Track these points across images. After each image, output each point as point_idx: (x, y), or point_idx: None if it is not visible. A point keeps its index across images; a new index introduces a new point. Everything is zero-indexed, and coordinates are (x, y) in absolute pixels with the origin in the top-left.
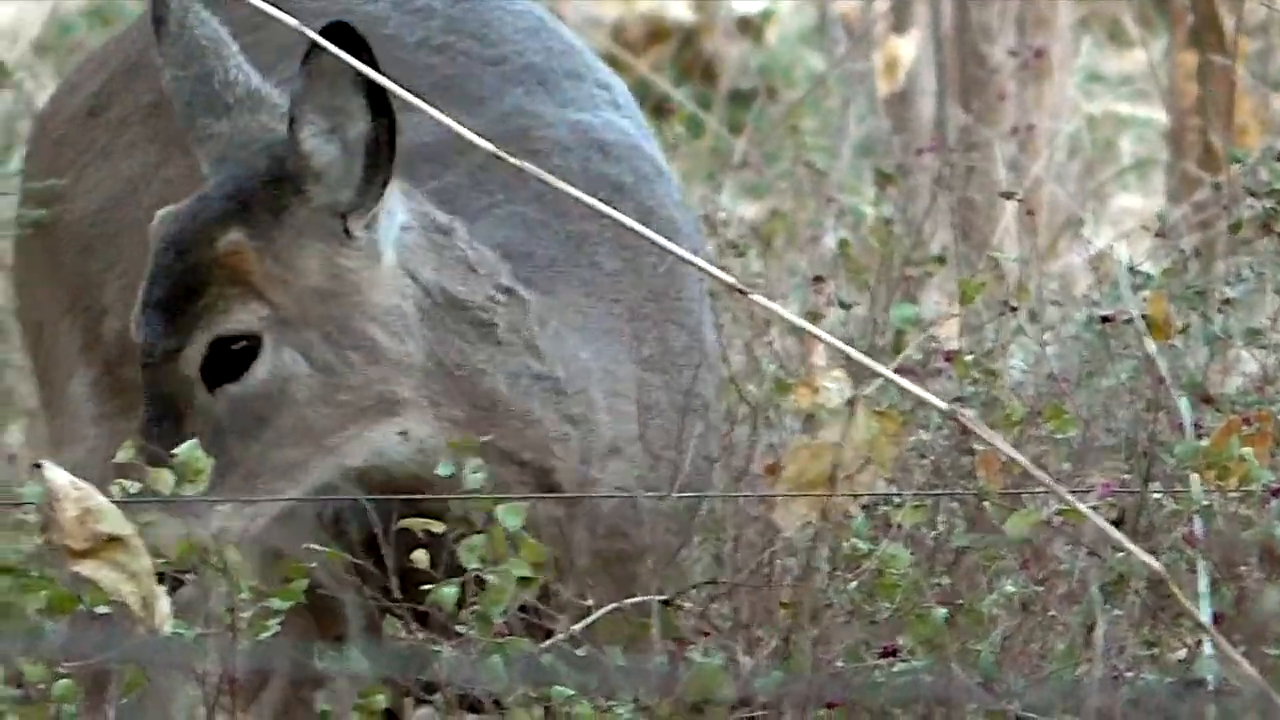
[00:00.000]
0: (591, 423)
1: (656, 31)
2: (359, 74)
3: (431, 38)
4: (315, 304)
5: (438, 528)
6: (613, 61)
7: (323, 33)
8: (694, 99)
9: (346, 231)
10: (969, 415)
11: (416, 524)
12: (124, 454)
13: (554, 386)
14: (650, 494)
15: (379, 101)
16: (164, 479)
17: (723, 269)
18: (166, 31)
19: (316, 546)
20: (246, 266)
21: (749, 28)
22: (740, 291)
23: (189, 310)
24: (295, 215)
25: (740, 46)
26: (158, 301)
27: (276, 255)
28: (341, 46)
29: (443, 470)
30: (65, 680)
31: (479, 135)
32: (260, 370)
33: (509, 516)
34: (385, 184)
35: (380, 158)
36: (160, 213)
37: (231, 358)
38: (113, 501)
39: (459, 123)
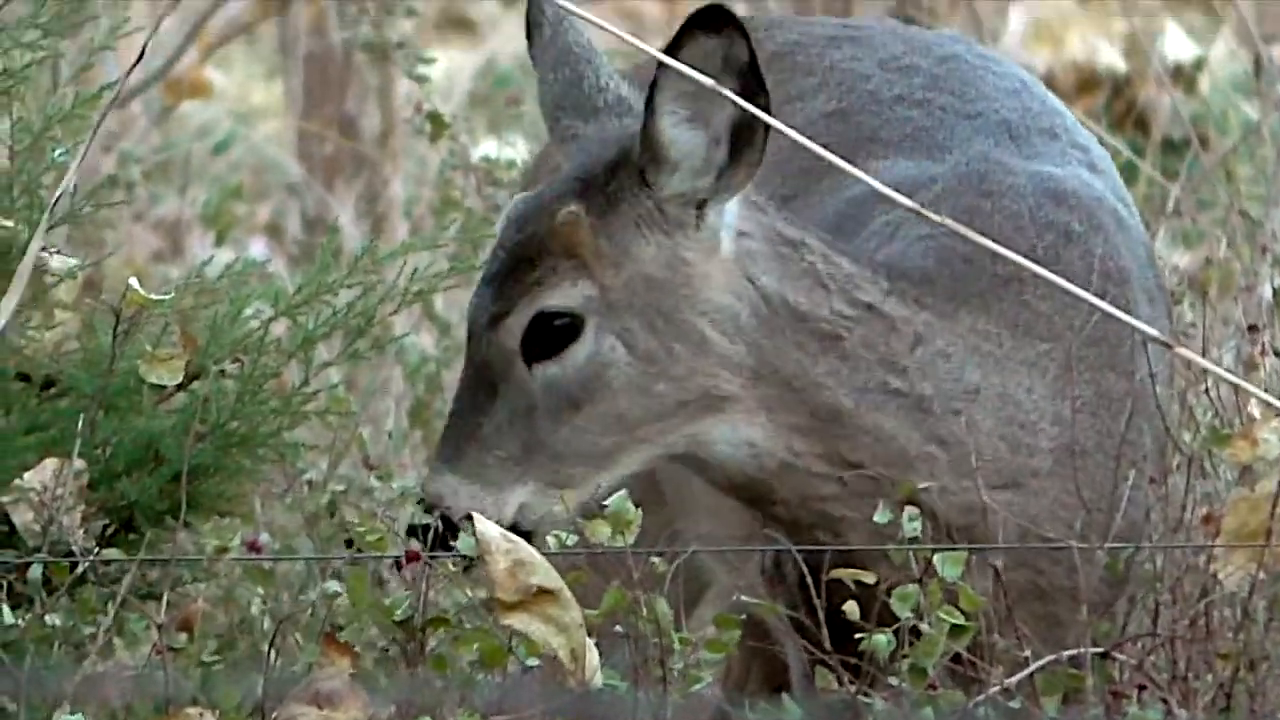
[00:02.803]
0: (968, 446)
1: (1088, 81)
2: (729, 56)
3: (912, 93)
4: (644, 290)
5: (869, 578)
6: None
7: (693, 17)
8: (1127, 147)
9: (698, 220)
10: None
11: (848, 574)
12: (558, 507)
13: (916, 404)
14: (1083, 545)
15: (750, 85)
16: (598, 529)
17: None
18: (540, 37)
19: (747, 599)
20: (580, 239)
21: (1181, 76)
22: (1165, 345)
23: (520, 280)
24: (637, 204)
25: (1173, 95)
26: (493, 275)
27: (611, 236)
28: (713, 30)
29: (879, 518)
30: None
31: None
32: (580, 352)
33: (948, 566)
34: (756, 166)
35: (752, 142)
36: (513, 199)
37: (553, 335)
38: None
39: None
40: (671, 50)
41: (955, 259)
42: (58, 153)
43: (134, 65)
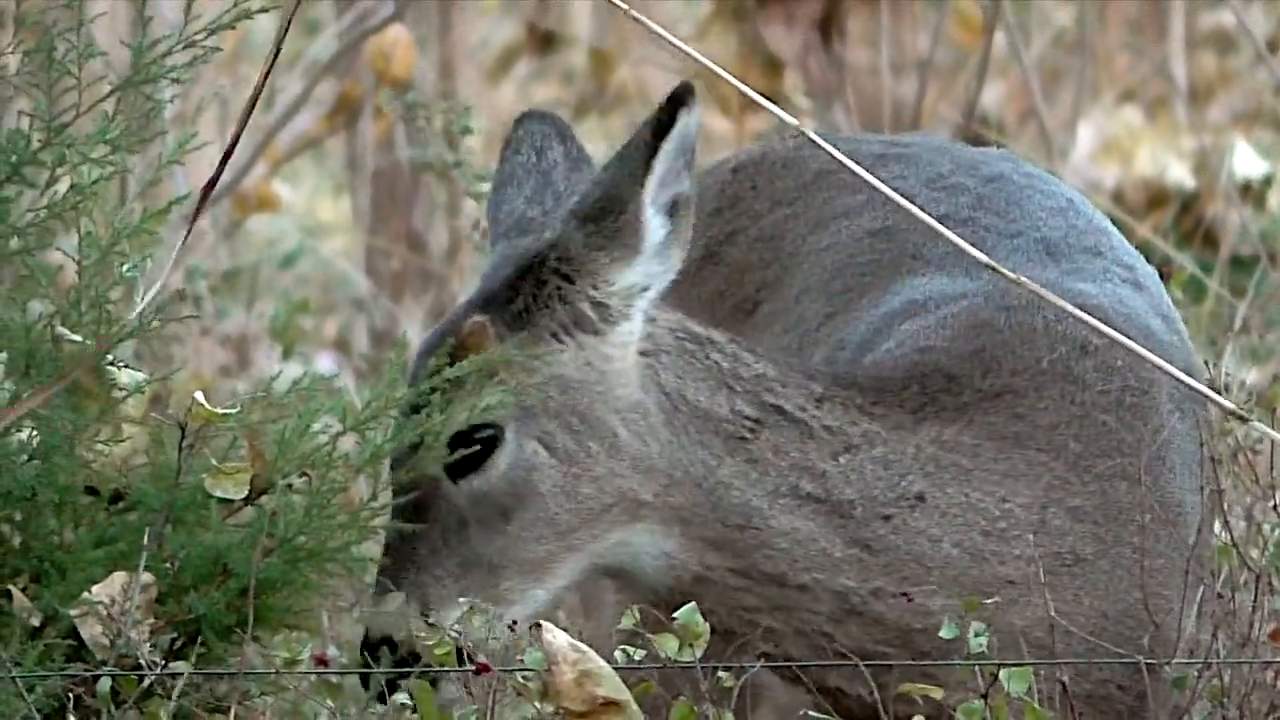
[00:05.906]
0: (904, 552)
1: (1157, 196)
2: (650, 156)
3: (958, 212)
4: (558, 393)
5: (936, 694)
6: (1113, 225)
7: (673, 95)
8: (1194, 263)
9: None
10: None
11: (915, 689)
12: (626, 620)
13: (835, 509)
14: (1151, 660)
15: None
16: (666, 642)
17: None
18: (517, 155)
19: (815, 714)
20: (488, 347)
21: (1250, 193)
22: (1240, 418)
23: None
24: (552, 310)
25: (1241, 211)
26: (409, 403)
27: (522, 343)
28: (689, 106)
29: (945, 633)
30: None
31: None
32: (502, 460)
33: (1014, 681)
34: (688, 244)
35: (685, 219)
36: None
37: (475, 448)
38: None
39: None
40: (660, 133)
41: (935, 374)
42: (125, 267)
43: (206, 191)
